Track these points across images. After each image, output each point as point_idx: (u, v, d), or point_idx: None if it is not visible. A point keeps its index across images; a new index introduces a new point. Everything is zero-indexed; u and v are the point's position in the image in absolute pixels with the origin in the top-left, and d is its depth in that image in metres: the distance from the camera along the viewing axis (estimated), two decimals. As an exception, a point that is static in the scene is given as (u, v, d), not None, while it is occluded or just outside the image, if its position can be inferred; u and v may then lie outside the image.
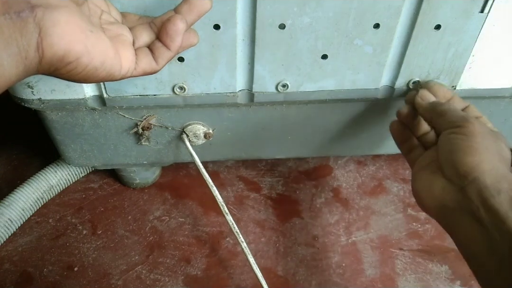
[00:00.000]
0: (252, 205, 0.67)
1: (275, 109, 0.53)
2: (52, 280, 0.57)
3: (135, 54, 0.34)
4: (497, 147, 0.38)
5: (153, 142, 0.56)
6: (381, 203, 0.68)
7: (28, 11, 0.25)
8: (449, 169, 0.38)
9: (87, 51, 0.28)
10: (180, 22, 0.33)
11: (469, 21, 0.43)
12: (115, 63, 0.31)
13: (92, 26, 0.29)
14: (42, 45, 0.26)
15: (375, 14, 0.42)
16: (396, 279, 0.59)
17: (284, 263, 0.60)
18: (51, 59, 0.27)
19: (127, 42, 0.34)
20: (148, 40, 0.35)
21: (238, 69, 0.46)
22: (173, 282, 0.57)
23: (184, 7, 0.34)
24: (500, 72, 0.49)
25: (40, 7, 0.26)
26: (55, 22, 0.26)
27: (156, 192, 0.69)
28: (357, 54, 0.45)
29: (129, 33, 0.34)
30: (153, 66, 0.35)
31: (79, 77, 0.30)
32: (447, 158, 0.39)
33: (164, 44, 0.34)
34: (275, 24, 0.42)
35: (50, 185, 0.64)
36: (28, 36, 0.25)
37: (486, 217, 0.34)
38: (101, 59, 0.30)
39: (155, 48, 0.35)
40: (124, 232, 0.63)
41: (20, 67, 0.26)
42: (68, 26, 0.27)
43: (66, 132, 0.54)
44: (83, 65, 0.29)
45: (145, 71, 0.35)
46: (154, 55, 0.35)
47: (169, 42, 0.34)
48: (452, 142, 0.38)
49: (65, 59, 0.28)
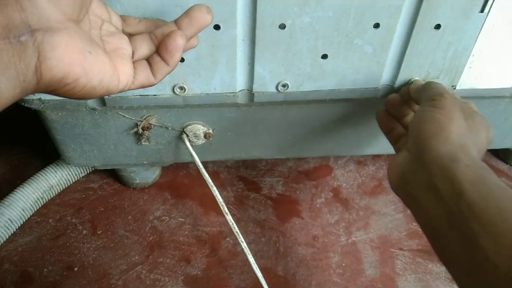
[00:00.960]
0: (252, 205, 0.67)
1: (275, 109, 0.53)
2: (52, 280, 0.57)
3: (133, 68, 0.34)
4: (467, 124, 0.38)
5: (153, 142, 0.56)
6: (381, 203, 0.68)
7: (27, 35, 0.25)
8: (411, 139, 0.39)
9: (85, 72, 0.28)
10: (180, 39, 0.33)
11: (469, 21, 0.43)
12: (113, 80, 0.31)
13: (91, 45, 0.29)
14: (41, 69, 0.26)
15: (375, 14, 0.42)
16: (396, 279, 0.59)
17: (284, 263, 0.60)
18: (49, 81, 0.27)
19: (126, 56, 0.34)
20: (148, 52, 0.35)
21: (238, 69, 0.46)
22: (173, 282, 0.57)
23: (184, 20, 0.34)
24: (500, 72, 0.49)
25: (40, 31, 0.26)
26: (54, 46, 0.26)
27: (156, 192, 0.69)
28: (357, 53, 0.45)
29: (128, 45, 0.34)
30: (151, 80, 0.35)
31: (77, 95, 0.30)
32: (412, 128, 0.39)
33: (163, 59, 0.34)
34: (275, 24, 0.42)
35: (50, 185, 0.64)
36: (27, 60, 0.25)
37: (442, 187, 0.34)
38: (99, 78, 0.30)
39: (153, 62, 0.35)
40: (124, 232, 0.63)
41: (18, 89, 0.26)
42: (67, 49, 0.27)
43: (66, 132, 0.54)
44: (81, 85, 0.29)
45: (143, 85, 0.35)
46: (153, 69, 0.35)
47: (168, 58, 0.34)
48: (422, 114, 0.39)
49: (64, 80, 0.27)
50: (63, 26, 0.27)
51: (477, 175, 0.34)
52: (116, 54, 0.33)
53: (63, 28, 0.27)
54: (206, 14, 0.34)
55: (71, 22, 0.28)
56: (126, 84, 0.33)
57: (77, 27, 0.29)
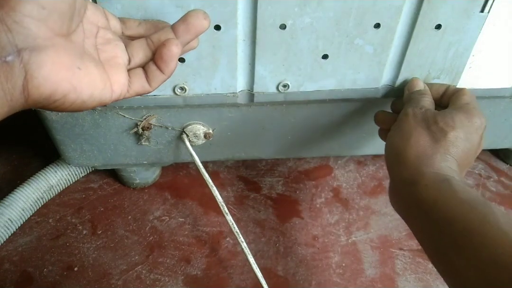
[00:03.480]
0: (252, 205, 0.67)
1: (275, 109, 0.53)
2: (52, 280, 0.57)
3: (128, 78, 0.34)
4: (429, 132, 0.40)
5: (153, 142, 0.56)
6: (381, 203, 0.68)
7: (14, 55, 0.25)
8: None
9: (74, 88, 0.28)
10: (175, 48, 0.33)
11: (470, 21, 0.43)
12: (105, 92, 0.31)
13: (81, 60, 0.29)
14: (28, 88, 0.26)
15: (375, 14, 0.42)
16: (396, 279, 0.59)
17: (284, 263, 0.60)
18: (37, 99, 0.27)
19: (121, 65, 0.34)
20: (144, 59, 0.35)
21: (239, 70, 0.46)
22: (173, 282, 0.57)
23: (181, 26, 0.34)
24: (500, 72, 0.49)
25: (27, 50, 0.25)
26: (41, 64, 0.26)
27: (156, 192, 0.68)
28: (358, 53, 0.45)
29: (124, 53, 0.34)
30: (146, 89, 0.35)
31: (68, 110, 0.30)
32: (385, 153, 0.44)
33: (158, 67, 0.34)
34: (276, 24, 0.42)
35: (50, 185, 0.64)
36: (14, 79, 0.25)
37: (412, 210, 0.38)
38: (89, 93, 0.30)
39: (149, 70, 0.35)
40: (124, 232, 0.63)
41: (5, 108, 0.26)
42: (54, 67, 0.27)
43: (66, 132, 0.54)
44: (70, 101, 0.29)
45: (138, 93, 0.35)
46: (148, 77, 0.35)
47: (163, 67, 0.34)
48: (388, 139, 0.44)
49: (52, 97, 0.27)
50: (51, 44, 0.27)
51: (436, 194, 0.36)
52: (111, 63, 0.33)
53: (50, 46, 0.27)
54: (202, 20, 0.34)
55: (60, 37, 0.28)
56: (120, 94, 0.33)
57: (67, 42, 0.28)
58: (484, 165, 0.75)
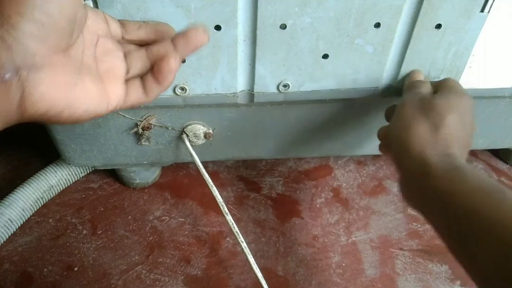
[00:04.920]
0: (252, 205, 0.67)
1: (275, 109, 0.53)
2: (52, 280, 0.57)
3: (125, 90, 0.34)
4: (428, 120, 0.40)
5: (153, 142, 0.56)
6: (381, 203, 0.68)
7: (12, 73, 0.25)
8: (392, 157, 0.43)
9: (70, 104, 0.29)
10: (173, 62, 0.34)
11: (470, 20, 0.43)
12: (101, 106, 0.32)
13: (78, 75, 0.29)
14: (25, 104, 0.26)
15: (376, 14, 0.42)
16: (396, 279, 0.59)
17: (284, 263, 0.60)
18: (33, 114, 0.27)
19: (119, 76, 0.34)
20: (143, 69, 0.35)
21: (239, 70, 0.46)
22: (173, 282, 0.57)
23: (181, 40, 0.35)
24: (500, 72, 0.49)
25: (25, 68, 0.25)
26: (38, 82, 0.26)
27: (156, 192, 0.68)
28: (358, 53, 0.45)
29: (123, 64, 0.34)
30: (143, 99, 0.35)
31: (64, 123, 0.30)
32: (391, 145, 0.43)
33: (156, 79, 0.34)
34: (276, 24, 0.42)
35: (50, 185, 0.64)
36: (11, 96, 0.25)
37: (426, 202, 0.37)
38: (84, 108, 0.30)
39: (147, 81, 0.35)
40: (124, 232, 0.63)
41: (0, 123, 0.26)
42: (51, 85, 0.27)
43: (66, 132, 0.54)
44: (65, 116, 0.29)
45: (134, 105, 0.35)
46: (145, 88, 0.35)
47: (161, 80, 0.34)
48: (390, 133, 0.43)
49: (48, 113, 0.28)
50: (49, 62, 0.27)
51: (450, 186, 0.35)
52: (109, 75, 0.33)
53: (48, 64, 0.27)
54: (202, 34, 0.35)
55: (59, 54, 0.28)
56: (116, 105, 0.33)
57: (65, 58, 0.29)
58: (484, 165, 0.75)
